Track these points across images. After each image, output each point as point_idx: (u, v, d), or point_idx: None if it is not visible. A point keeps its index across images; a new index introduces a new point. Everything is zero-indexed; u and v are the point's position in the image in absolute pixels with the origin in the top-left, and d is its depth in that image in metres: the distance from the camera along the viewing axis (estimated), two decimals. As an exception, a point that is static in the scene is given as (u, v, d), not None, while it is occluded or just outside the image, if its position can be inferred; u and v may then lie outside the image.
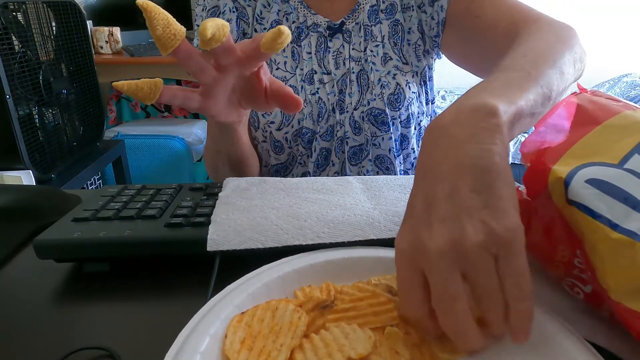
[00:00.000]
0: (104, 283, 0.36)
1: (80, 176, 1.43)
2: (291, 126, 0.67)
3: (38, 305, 0.34)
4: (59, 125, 1.41)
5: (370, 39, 0.68)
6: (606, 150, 0.29)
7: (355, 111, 0.68)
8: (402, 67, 0.68)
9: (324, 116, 0.68)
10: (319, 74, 0.68)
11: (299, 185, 0.48)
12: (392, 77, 0.67)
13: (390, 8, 0.68)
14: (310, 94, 0.67)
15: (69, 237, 0.37)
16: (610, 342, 0.28)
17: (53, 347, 0.29)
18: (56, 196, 0.50)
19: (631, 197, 0.26)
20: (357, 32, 0.68)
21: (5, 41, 1.15)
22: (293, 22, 0.67)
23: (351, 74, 0.67)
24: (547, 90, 0.36)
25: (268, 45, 0.38)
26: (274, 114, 0.67)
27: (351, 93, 0.67)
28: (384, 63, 0.68)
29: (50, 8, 1.37)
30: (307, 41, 0.68)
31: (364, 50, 0.68)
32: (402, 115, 0.68)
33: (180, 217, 0.40)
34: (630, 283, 0.25)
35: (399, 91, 0.67)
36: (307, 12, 0.68)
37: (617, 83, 2.38)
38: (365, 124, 0.68)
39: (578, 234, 0.28)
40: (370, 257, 0.35)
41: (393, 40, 0.68)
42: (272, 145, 0.70)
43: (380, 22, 0.68)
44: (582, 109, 0.33)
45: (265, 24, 0.68)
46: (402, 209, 0.42)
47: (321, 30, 0.67)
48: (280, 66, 0.67)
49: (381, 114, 0.67)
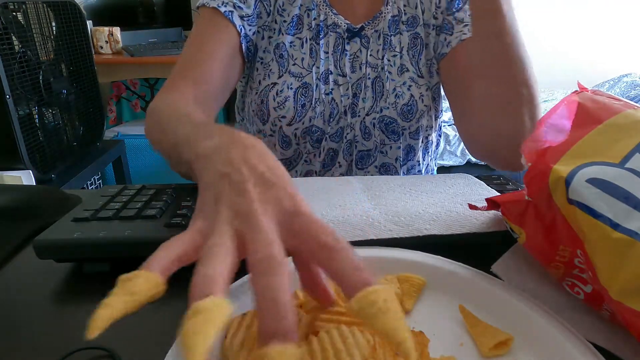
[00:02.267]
0: (104, 283, 0.36)
1: (80, 176, 1.43)
2: (302, 123, 0.67)
3: (38, 305, 0.34)
4: (59, 125, 1.41)
5: (388, 48, 0.67)
6: (607, 150, 0.29)
7: (367, 117, 0.68)
8: (417, 80, 0.68)
9: (335, 117, 0.68)
10: (334, 75, 0.67)
11: (299, 184, 0.48)
12: (407, 89, 0.67)
13: (412, 20, 0.68)
14: (324, 93, 0.67)
15: (69, 237, 0.37)
16: (610, 342, 0.28)
17: (53, 347, 0.29)
18: (56, 196, 0.50)
19: (632, 197, 0.26)
20: (375, 39, 0.67)
21: (5, 41, 1.15)
22: (314, 18, 0.67)
23: (367, 79, 0.67)
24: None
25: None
26: (287, 109, 0.66)
27: (365, 98, 0.67)
28: (400, 74, 0.68)
29: (50, 8, 1.37)
30: (325, 40, 0.67)
31: (382, 58, 0.67)
32: (412, 126, 0.68)
33: (180, 217, 0.40)
34: (631, 283, 0.25)
35: (412, 103, 0.67)
36: (329, 10, 0.67)
37: (617, 83, 2.38)
38: (376, 130, 0.68)
39: (579, 234, 0.28)
40: (370, 257, 0.35)
41: (411, 52, 0.68)
42: (280, 140, 0.69)
43: (400, 32, 0.68)
44: (583, 108, 0.33)
45: (286, 17, 0.67)
46: (402, 209, 0.42)
47: (340, 31, 0.67)
48: (297, 62, 0.67)
49: (392, 122, 0.67)
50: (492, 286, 0.31)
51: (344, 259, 0.23)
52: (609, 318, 0.29)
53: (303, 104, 0.66)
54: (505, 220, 0.36)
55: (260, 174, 0.27)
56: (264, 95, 0.67)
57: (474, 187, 0.49)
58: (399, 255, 0.35)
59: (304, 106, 0.66)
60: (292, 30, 0.67)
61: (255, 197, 0.26)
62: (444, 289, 0.33)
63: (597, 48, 2.50)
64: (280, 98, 0.66)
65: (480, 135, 0.62)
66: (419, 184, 0.49)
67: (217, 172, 0.28)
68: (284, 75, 0.66)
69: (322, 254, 0.24)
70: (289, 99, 0.66)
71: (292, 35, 0.67)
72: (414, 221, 0.40)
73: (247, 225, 0.24)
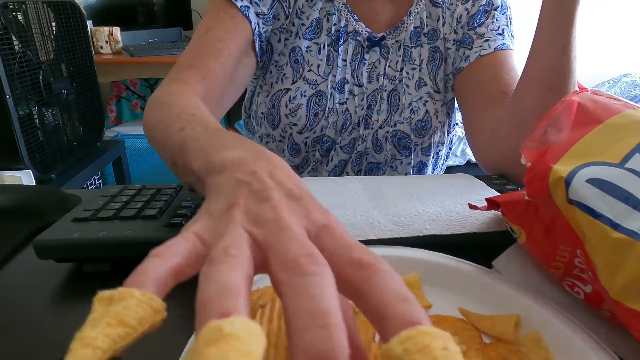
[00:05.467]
0: (104, 283, 0.36)
1: (80, 176, 1.43)
2: (313, 132, 0.66)
3: (38, 305, 0.34)
4: (59, 125, 1.41)
5: (408, 61, 0.66)
6: (607, 150, 0.29)
7: (380, 129, 0.66)
8: (434, 95, 0.67)
9: (347, 128, 0.66)
10: (350, 84, 0.66)
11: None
12: (423, 104, 0.66)
13: (432, 33, 0.66)
14: (338, 102, 0.65)
15: (69, 237, 0.37)
16: (610, 342, 0.28)
17: (53, 347, 0.29)
18: (56, 196, 0.50)
19: (632, 197, 0.26)
20: (395, 50, 0.66)
21: (5, 41, 1.15)
22: (334, 24, 0.64)
23: (383, 91, 0.66)
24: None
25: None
26: (299, 117, 0.64)
27: (379, 110, 0.66)
28: (418, 88, 0.66)
29: (50, 8, 1.37)
30: (344, 47, 0.65)
31: (400, 70, 0.66)
32: (424, 142, 0.67)
33: (181, 217, 0.40)
34: (631, 283, 0.25)
35: (427, 119, 0.66)
36: (350, 17, 0.65)
37: (617, 83, 2.38)
38: (388, 144, 0.67)
39: (579, 234, 0.28)
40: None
41: (430, 66, 0.67)
42: (290, 147, 0.68)
43: (421, 45, 0.66)
44: (583, 108, 0.33)
45: (305, 20, 0.64)
46: (402, 209, 0.42)
47: (360, 39, 0.65)
48: (313, 69, 0.65)
49: (405, 137, 0.66)
50: (493, 281, 0.32)
51: (385, 282, 0.17)
52: (608, 318, 0.29)
53: (316, 113, 0.65)
54: (505, 220, 0.36)
55: (287, 188, 0.23)
56: (276, 100, 0.65)
57: (474, 187, 0.49)
58: (398, 253, 0.35)
59: (317, 115, 0.65)
60: (310, 34, 0.65)
61: (281, 204, 0.21)
62: (445, 285, 0.33)
63: (597, 48, 2.50)
64: (293, 105, 0.64)
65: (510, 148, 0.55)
66: (419, 184, 0.49)
67: (234, 180, 0.23)
68: (298, 81, 0.65)
69: (355, 273, 0.18)
70: (301, 107, 0.64)
71: (310, 40, 0.65)
72: (414, 221, 0.40)
73: (272, 230, 0.20)
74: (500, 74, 0.62)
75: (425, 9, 0.66)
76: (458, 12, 0.66)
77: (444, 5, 0.66)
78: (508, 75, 0.62)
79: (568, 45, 0.50)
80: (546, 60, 0.52)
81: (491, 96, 0.62)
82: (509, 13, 0.67)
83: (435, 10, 0.66)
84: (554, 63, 0.51)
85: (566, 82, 0.52)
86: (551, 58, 0.51)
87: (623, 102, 0.33)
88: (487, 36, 0.64)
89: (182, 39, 2.37)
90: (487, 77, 0.63)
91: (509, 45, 0.64)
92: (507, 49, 0.64)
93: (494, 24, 0.65)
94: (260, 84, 0.69)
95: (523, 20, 1.27)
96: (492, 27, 0.65)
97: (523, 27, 1.10)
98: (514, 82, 0.61)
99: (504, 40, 0.64)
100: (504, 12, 0.66)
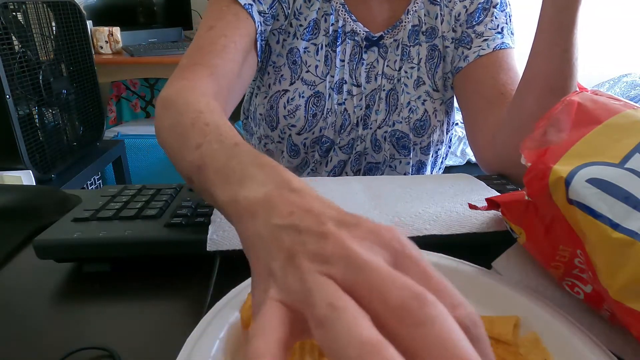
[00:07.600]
0: (104, 283, 0.36)
1: (80, 176, 1.43)
2: (312, 133, 0.65)
3: (38, 305, 0.34)
4: (59, 125, 1.41)
5: (406, 60, 0.66)
6: (607, 150, 0.29)
7: (378, 129, 0.66)
8: (432, 94, 0.66)
9: (346, 128, 0.66)
10: (348, 85, 0.65)
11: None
12: (422, 103, 0.66)
13: (431, 31, 0.66)
14: (336, 103, 0.65)
15: (69, 237, 0.37)
16: (610, 342, 0.28)
17: (53, 347, 0.29)
18: (56, 196, 0.50)
19: (632, 197, 0.26)
20: (394, 50, 0.65)
21: (5, 41, 1.15)
22: (332, 24, 0.64)
23: (381, 91, 0.66)
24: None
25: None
26: (297, 118, 0.64)
27: (378, 110, 0.66)
28: (416, 87, 0.66)
29: (50, 8, 1.37)
30: (342, 47, 0.65)
31: (399, 69, 0.66)
32: (423, 142, 0.67)
33: (180, 217, 0.40)
34: (631, 283, 0.25)
35: (425, 118, 0.66)
36: (348, 17, 0.64)
37: (617, 83, 2.38)
38: (387, 144, 0.67)
39: (579, 234, 0.28)
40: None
41: (429, 65, 0.66)
42: (288, 148, 0.68)
43: (419, 44, 0.66)
44: (583, 108, 0.33)
45: (303, 21, 0.64)
46: (402, 209, 0.42)
47: (358, 39, 0.65)
48: (311, 69, 0.64)
49: (404, 137, 0.66)
50: (492, 282, 0.32)
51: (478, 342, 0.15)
52: (608, 318, 0.29)
53: (314, 114, 0.64)
54: (505, 220, 0.36)
55: (333, 216, 0.20)
56: (274, 102, 0.65)
57: (474, 187, 0.49)
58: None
59: (315, 116, 0.65)
60: (308, 35, 0.64)
61: (344, 235, 0.19)
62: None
63: (597, 48, 2.50)
64: (291, 106, 0.64)
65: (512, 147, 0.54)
66: (419, 184, 0.49)
67: (273, 227, 0.21)
68: (296, 82, 0.64)
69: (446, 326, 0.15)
70: (299, 108, 0.64)
71: (307, 40, 0.64)
72: (414, 221, 0.40)
73: (354, 269, 0.17)
74: (499, 75, 0.62)
75: (424, 7, 0.66)
76: (456, 9, 0.65)
77: (442, 3, 0.66)
78: (507, 75, 0.62)
79: (569, 48, 0.49)
80: (546, 63, 0.51)
81: (490, 98, 0.61)
82: (508, 10, 0.66)
83: (434, 8, 0.66)
84: (555, 66, 0.51)
85: (567, 85, 0.51)
86: (552, 61, 0.51)
87: (623, 102, 0.33)
88: (486, 35, 0.63)
89: (182, 39, 2.37)
90: (486, 78, 0.63)
91: (509, 44, 0.64)
92: (507, 47, 0.63)
93: (493, 22, 0.64)
94: (258, 85, 0.69)
95: (524, 16, 1.27)
96: (491, 26, 0.64)
97: (524, 24, 1.09)
98: (513, 83, 0.60)
99: (503, 39, 0.64)
100: (503, 10, 0.65)
